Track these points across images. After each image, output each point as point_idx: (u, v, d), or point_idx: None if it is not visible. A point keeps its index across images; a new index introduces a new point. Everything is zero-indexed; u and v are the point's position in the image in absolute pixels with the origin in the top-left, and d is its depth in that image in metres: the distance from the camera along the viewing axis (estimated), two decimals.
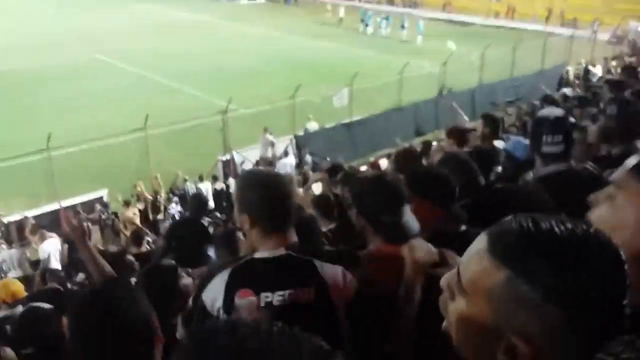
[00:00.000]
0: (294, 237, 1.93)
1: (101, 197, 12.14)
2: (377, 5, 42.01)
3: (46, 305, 2.92)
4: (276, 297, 1.79)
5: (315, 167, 13.46)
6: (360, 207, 2.16)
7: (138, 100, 19.10)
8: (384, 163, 10.12)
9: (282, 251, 1.85)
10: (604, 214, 1.12)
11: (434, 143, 8.30)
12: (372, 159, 13.27)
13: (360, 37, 32.82)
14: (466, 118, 14.11)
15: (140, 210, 11.63)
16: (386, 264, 1.97)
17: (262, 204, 1.86)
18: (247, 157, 14.08)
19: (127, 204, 11.46)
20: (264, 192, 1.87)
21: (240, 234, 4.03)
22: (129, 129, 13.95)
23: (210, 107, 16.44)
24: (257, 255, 1.88)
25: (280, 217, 1.88)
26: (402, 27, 31.93)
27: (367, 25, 34.36)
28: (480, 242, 0.85)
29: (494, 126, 5.34)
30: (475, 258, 0.84)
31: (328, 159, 13.15)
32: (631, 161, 1.12)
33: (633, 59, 18.43)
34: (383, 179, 2.20)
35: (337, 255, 2.00)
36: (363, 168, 10.45)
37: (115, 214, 11.69)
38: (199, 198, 6.82)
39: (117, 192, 12.01)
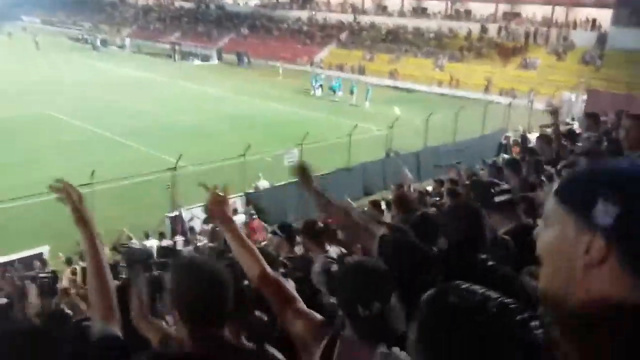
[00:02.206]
0: (223, 333, 1.88)
1: (41, 254, 11.69)
2: (328, 70, 43.41)
3: None
4: None
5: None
6: (337, 295, 2.06)
7: (86, 155, 18.80)
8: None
9: (204, 347, 1.80)
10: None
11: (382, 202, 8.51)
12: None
13: (311, 99, 33.72)
14: (410, 175, 14.61)
15: (83, 269, 11.22)
16: None
17: (195, 298, 1.81)
18: (196, 215, 13.95)
19: (68, 262, 11.05)
20: (197, 286, 1.81)
21: None
22: (74, 184, 13.60)
23: (160, 164, 16.34)
24: (182, 348, 1.84)
25: (211, 312, 1.83)
26: (351, 92, 33.07)
27: (316, 88, 35.39)
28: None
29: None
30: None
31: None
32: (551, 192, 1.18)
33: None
34: (365, 266, 2.05)
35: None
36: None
37: (54, 272, 11.21)
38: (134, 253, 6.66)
39: (59, 249, 11.61)
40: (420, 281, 1.99)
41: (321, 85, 35.43)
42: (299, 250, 5.87)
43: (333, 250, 4.38)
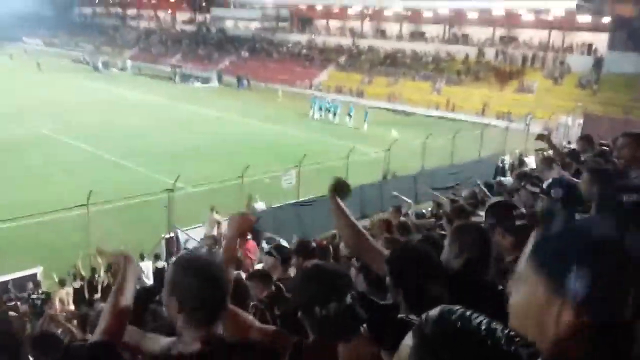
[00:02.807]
0: (218, 330, 1.90)
1: (35, 274, 11.64)
2: (326, 93, 43.73)
3: None
4: None
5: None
6: (294, 297, 2.13)
7: (84, 176, 18.87)
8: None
9: (197, 346, 1.82)
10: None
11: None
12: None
13: (310, 122, 33.91)
14: (410, 201, 14.62)
15: (76, 290, 11.17)
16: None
17: (193, 293, 1.82)
18: (192, 236, 13.93)
19: (62, 283, 11.00)
20: (197, 281, 1.83)
21: None
22: (72, 204, 13.67)
23: (157, 184, 16.38)
24: (173, 351, 1.86)
25: (208, 309, 1.85)
26: (349, 115, 33.30)
27: (315, 111, 35.60)
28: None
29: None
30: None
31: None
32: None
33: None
34: (321, 268, 2.15)
35: (254, 352, 1.97)
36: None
37: (47, 293, 11.15)
38: None
39: (54, 270, 11.57)
40: (430, 294, 2.08)
41: (320, 108, 35.67)
42: (292, 272, 5.85)
43: None
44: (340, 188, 2.80)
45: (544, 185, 3.57)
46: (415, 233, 6.57)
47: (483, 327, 0.84)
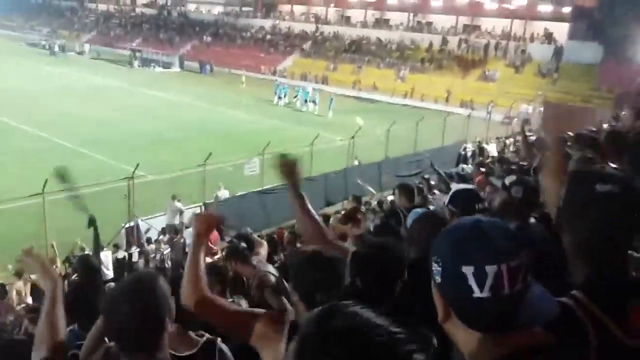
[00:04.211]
0: (162, 351, 1.79)
1: None
2: (291, 80, 43.44)
3: None
4: None
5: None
6: (295, 284, 2.09)
7: (40, 164, 18.16)
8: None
9: None
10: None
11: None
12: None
13: (274, 108, 33.61)
14: (373, 191, 14.66)
15: (33, 282, 10.80)
16: None
17: (116, 325, 1.76)
18: (153, 225, 13.64)
19: (18, 274, 10.63)
20: (119, 311, 1.74)
21: None
22: (27, 194, 13.20)
23: (117, 172, 15.94)
24: None
25: (138, 340, 1.75)
26: (314, 102, 33.14)
27: (280, 97, 35.34)
28: None
29: (409, 195, 5.78)
30: None
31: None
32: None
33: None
34: (321, 255, 2.13)
35: None
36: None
37: (2, 285, 10.76)
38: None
39: (10, 262, 11.15)
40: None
41: (285, 95, 35.40)
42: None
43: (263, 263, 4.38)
44: (287, 165, 2.73)
45: (507, 182, 3.58)
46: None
47: (370, 323, 0.83)
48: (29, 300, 10.33)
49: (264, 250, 4.95)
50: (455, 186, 5.06)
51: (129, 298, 1.75)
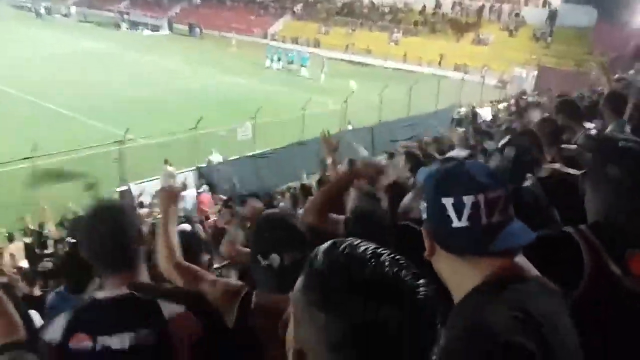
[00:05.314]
0: (141, 275, 1.84)
1: None
2: (282, 43, 42.80)
3: None
4: (114, 341, 1.68)
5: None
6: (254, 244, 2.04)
7: (29, 129, 17.94)
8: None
9: (123, 290, 1.76)
10: None
11: None
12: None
13: (266, 72, 33.19)
14: (366, 153, 14.61)
15: (27, 245, 10.77)
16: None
17: (93, 245, 1.80)
18: (146, 189, 13.57)
19: (10, 238, 10.57)
20: (94, 232, 1.80)
21: None
22: (16, 157, 13.05)
23: (108, 137, 15.75)
24: (99, 295, 1.80)
25: (116, 257, 1.80)
26: (305, 65, 32.76)
27: (272, 61, 34.87)
28: None
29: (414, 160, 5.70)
30: None
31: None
32: None
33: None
34: (276, 215, 2.08)
35: (183, 295, 1.92)
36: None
37: None
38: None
39: (1, 225, 11.09)
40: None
41: (279, 59, 34.93)
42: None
43: None
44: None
45: (499, 144, 3.54)
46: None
47: (369, 253, 0.87)
48: (24, 264, 10.30)
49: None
50: (451, 153, 5.00)
51: (96, 221, 1.82)
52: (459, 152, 5.25)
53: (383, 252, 0.88)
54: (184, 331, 1.73)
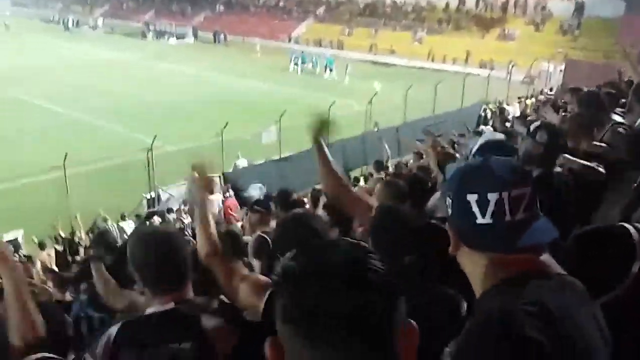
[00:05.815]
0: (188, 294, 1.94)
1: (15, 239, 11.43)
2: (306, 46, 42.91)
3: None
4: (159, 352, 1.79)
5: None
6: (276, 248, 2.18)
7: (59, 139, 18.37)
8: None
9: (170, 305, 1.88)
10: None
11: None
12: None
13: (290, 76, 33.30)
14: (389, 150, 14.51)
15: (58, 252, 11.00)
16: None
17: (148, 265, 1.91)
18: (174, 195, 13.74)
19: (41, 246, 10.82)
20: (149, 253, 1.91)
21: None
22: (47, 167, 13.38)
23: (136, 145, 16.02)
24: (148, 310, 1.92)
25: (171, 281, 1.91)
26: (326, 67, 32.77)
27: (296, 65, 34.99)
28: None
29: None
30: None
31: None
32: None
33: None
34: (301, 216, 2.22)
35: (221, 309, 2.01)
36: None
37: (29, 257, 10.98)
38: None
39: (34, 234, 11.37)
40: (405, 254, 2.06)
41: (304, 62, 35.03)
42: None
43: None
44: (322, 127, 2.73)
45: (531, 128, 3.45)
46: None
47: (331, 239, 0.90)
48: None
49: None
50: (485, 136, 4.85)
51: (146, 244, 1.94)
52: (493, 135, 5.11)
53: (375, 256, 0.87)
54: (222, 342, 1.85)
